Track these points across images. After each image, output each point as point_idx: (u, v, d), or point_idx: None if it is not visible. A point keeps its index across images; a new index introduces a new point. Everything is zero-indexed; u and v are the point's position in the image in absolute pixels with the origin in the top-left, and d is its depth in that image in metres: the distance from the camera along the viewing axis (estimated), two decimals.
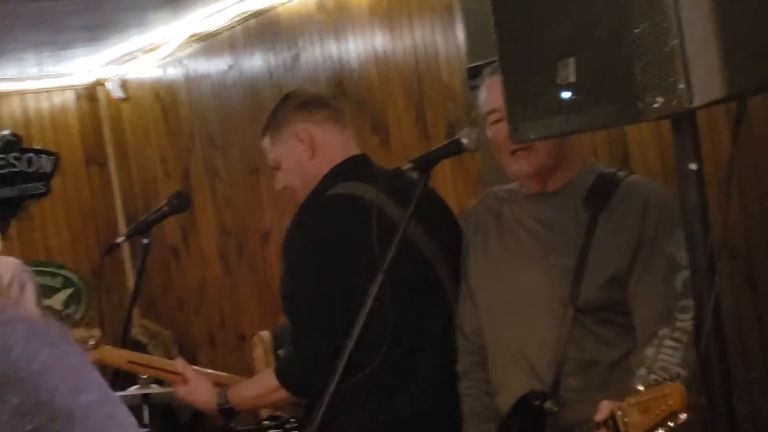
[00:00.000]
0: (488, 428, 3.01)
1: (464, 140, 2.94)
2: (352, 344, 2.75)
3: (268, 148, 3.42)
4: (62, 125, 8.00)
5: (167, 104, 7.38)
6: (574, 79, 2.36)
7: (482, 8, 2.71)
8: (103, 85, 7.98)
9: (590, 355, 2.86)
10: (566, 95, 2.38)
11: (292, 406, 3.41)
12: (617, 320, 2.86)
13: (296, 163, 3.35)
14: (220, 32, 6.56)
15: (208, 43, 6.76)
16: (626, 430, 2.43)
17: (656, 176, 3.77)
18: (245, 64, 6.45)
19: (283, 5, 5.95)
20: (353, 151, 3.38)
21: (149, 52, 7.20)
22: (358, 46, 5.46)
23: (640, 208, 2.83)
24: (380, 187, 3.05)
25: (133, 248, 7.64)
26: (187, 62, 7.05)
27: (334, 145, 3.35)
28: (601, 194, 2.90)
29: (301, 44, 5.87)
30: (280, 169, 3.40)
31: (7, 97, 7.78)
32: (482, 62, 3.67)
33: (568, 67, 2.36)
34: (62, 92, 7.99)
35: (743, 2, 2.28)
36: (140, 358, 3.69)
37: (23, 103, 7.85)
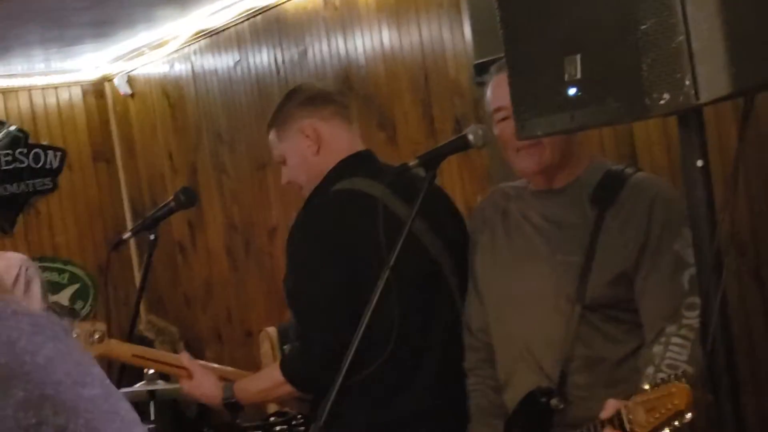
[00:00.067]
0: (495, 424, 3.01)
1: (471, 136, 2.94)
2: (357, 340, 2.75)
3: (273, 143, 3.42)
4: (69, 121, 8.01)
5: (174, 100, 7.39)
6: (580, 75, 2.35)
7: (489, 4, 2.71)
8: (110, 81, 7.99)
9: (597, 352, 2.86)
10: (572, 92, 2.38)
11: (297, 401, 3.41)
12: (624, 317, 2.86)
13: (301, 158, 3.34)
14: (227, 28, 6.56)
15: (215, 39, 6.76)
16: (632, 428, 2.42)
17: (663, 173, 3.77)
18: (252, 60, 6.45)
19: (290, 1, 5.95)
20: (358, 147, 3.38)
21: (156, 48, 7.21)
22: (365, 41, 5.46)
23: (646, 205, 2.83)
24: (385, 183, 3.05)
25: (140, 244, 7.66)
26: (194, 58, 7.05)
27: (339, 140, 3.34)
28: (608, 191, 2.89)
29: (308, 40, 5.86)
30: (285, 164, 3.40)
31: (14, 92, 7.78)
32: (489, 58, 3.67)
33: (574, 63, 2.35)
34: (69, 88, 8.01)
35: None
36: (145, 352, 3.68)
37: (30, 98, 7.86)
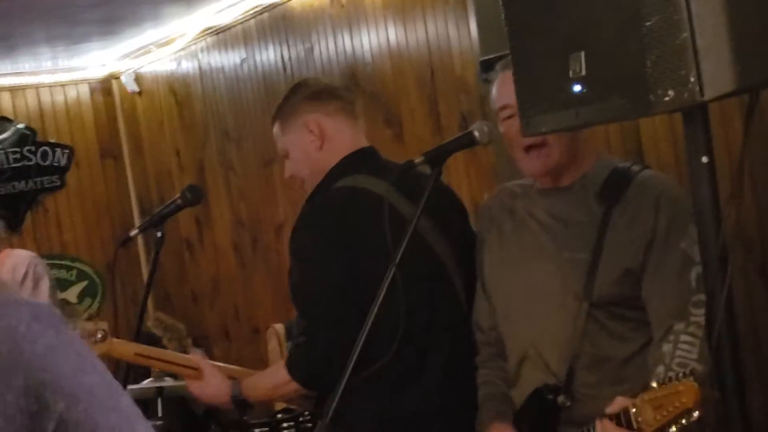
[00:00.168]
0: (503, 410, 3.00)
1: (476, 133, 2.93)
2: (363, 338, 2.74)
3: (277, 136, 3.41)
4: (77, 119, 8.02)
5: (181, 97, 7.40)
6: (584, 72, 2.35)
7: (495, 1, 2.71)
8: (117, 78, 8.01)
9: (603, 350, 2.85)
10: (577, 89, 2.38)
11: (303, 398, 3.40)
12: (630, 315, 2.85)
13: (304, 153, 3.34)
14: (234, 25, 6.58)
15: (222, 36, 6.77)
16: (639, 426, 2.42)
17: (670, 169, 3.77)
18: (259, 57, 6.45)
19: None
20: (362, 143, 3.37)
21: (163, 45, 7.22)
22: (371, 39, 5.46)
23: (653, 203, 2.82)
24: (390, 180, 3.04)
25: (147, 241, 7.67)
26: (201, 56, 7.06)
27: (343, 137, 3.33)
28: (614, 188, 2.88)
29: (314, 37, 5.87)
30: (288, 157, 3.40)
31: (22, 90, 7.81)
32: (495, 55, 3.66)
33: (579, 60, 2.35)
34: (77, 86, 8.02)
35: None
36: (149, 351, 3.63)
37: (38, 96, 7.88)
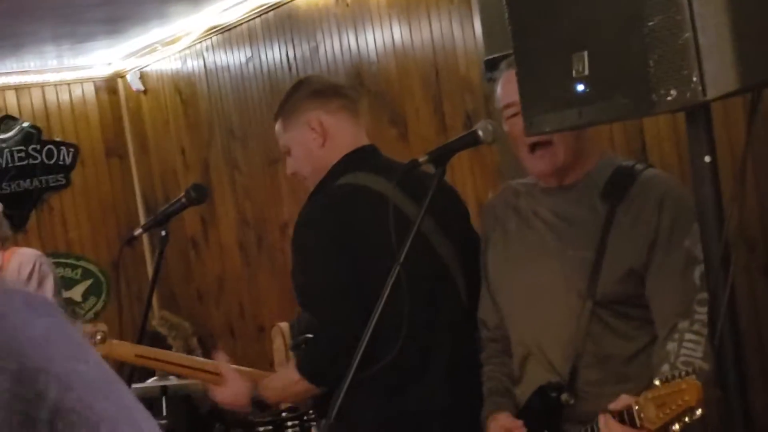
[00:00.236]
0: (507, 403, 3.00)
1: (480, 132, 2.93)
2: (368, 335, 2.74)
3: (279, 132, 3.41)
4: (82, 117, 8.04)
5: (186, 96, 7.40)
6: (588, 72, 2.36)
7: (499, 0, 2.72)
8: (122, 77, 8.02)
9: (607, 348, 2.86)
10: (580, 88, 2.38)
11: (313, 398, 3.40)
12: (634, 314, 2.85)
13: (306, 150, 3.34)
14: (239, 24, 6.58)
15: (227, 35, 6.77)
16: (642, 424, 2.43)
17: (673, 168, 3.77)
18: (264, 56, 6.46)
19: None
20: (363, 141, 3.37)
21: (169, 44, 7.23)
22: (376, 38, 5.47)
23: (656, 202, 2.82)
24: (392, 179, 3.04)
25: (152, 240, 7.68)
26: (206, 54, 7.07)
27: (344, 134, 3.33)
28: (618, 187, 2.89)
29: (320, 36, 5.87)
30: (290, 154, 3.40)
31: (27, 89, 7.82)
32: (500, 54, 3.67)
33: (582, 60, 2.36)
34: (82, 84, 8.04)
35: None
36: (150, 352, 3.58)
37: (43, 95, 7.89)
